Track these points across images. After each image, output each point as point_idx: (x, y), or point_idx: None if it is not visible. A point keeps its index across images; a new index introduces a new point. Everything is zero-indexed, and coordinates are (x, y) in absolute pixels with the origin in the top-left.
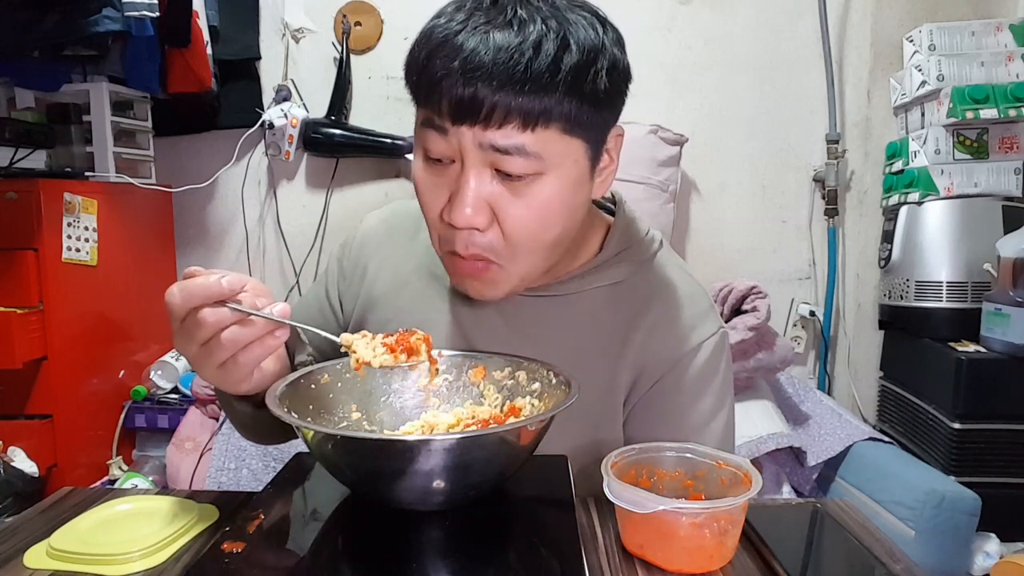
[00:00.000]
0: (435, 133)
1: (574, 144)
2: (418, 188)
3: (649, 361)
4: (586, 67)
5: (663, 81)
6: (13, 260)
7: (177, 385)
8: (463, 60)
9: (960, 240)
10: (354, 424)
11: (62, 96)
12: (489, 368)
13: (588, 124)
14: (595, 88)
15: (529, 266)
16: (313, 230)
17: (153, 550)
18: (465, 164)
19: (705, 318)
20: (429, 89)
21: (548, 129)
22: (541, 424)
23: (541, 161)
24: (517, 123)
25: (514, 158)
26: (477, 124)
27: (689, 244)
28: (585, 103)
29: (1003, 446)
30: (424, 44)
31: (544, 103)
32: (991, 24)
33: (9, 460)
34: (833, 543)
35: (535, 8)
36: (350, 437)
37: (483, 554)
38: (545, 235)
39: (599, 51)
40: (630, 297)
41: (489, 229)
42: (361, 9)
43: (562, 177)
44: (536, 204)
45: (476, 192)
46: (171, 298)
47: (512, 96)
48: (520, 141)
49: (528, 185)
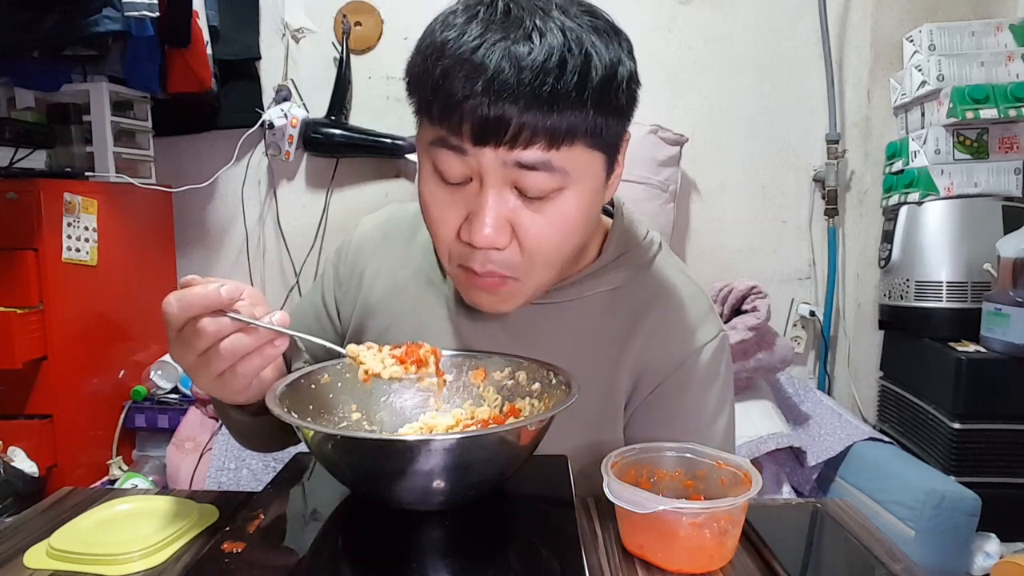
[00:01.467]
0: (451, 154)
1: (595, 157)
2: (428, 206)
3: (649, 365)
4: (609, 81)
5: (663, 81)
6: (13, 260)
7: (177, 385)
8: (487, 80)
9: (960, 240)
10: (354, 424)
11: (62, 96)
12: (489, 369)
13: (610, 137)
14: (618, 101)
15: (545, 279)
16: (313, 230)
17: (153, 550)
18: (485, 183)
19: (705, 321)
20: (447, 109)
21: (574, 146)
22: (541, 424)
23: (566, 176)
24: (543, 143)
25: (539, 174)
26: (502, 145)
27: (689, 244)
28: (610, 117)
29: (1003, 446)
30: (437, 58)
31: (571, 121)
32: (991, 24)
33: (9, 460)
34: (833, 543)
35: (550, 18)
36: (350, 437)
37: (483, 554)
38: (565, 248)
39: (619, 64)
40: (629, 301)
41: (508, 247)
42: (361, 9)
43: (582, 190)
44: (558, 219)
45: (497, 212)
46: (168, 307)
47: (540, 117)
48: (546, 158)
49: (550, 201)
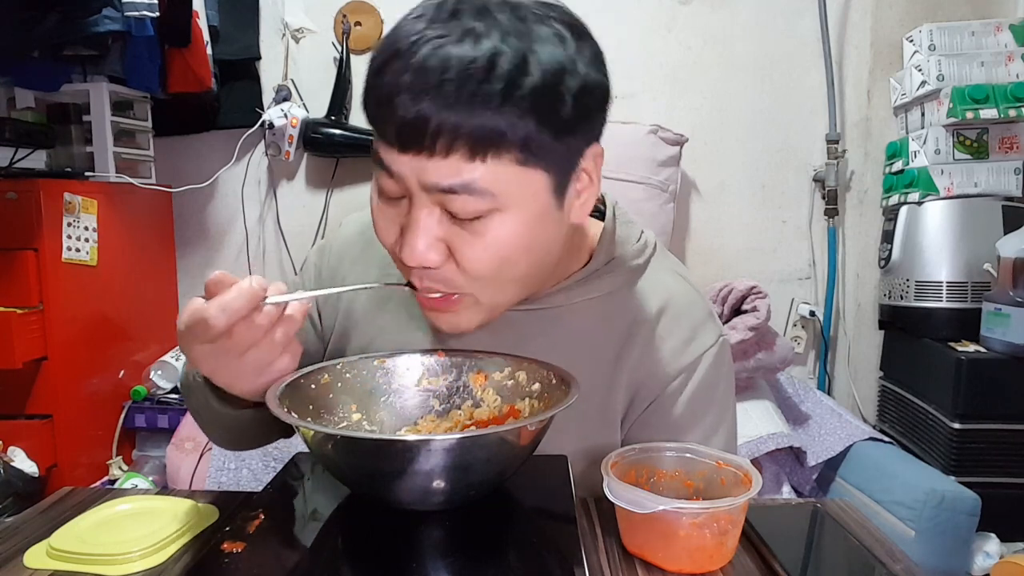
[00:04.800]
0: (384, 173)
1: (534, 176)
2: (375, 220)
3: (646, 378)
4: (548, 90)
5: (663, 81)
6: (13, 260)
7: (177, 385)
8: (412, 77)
9: (960, 240)
10: (354, 424)
11: (62, 96)
12: (489, 369)
13: (550, 153)
14: (558, 113)
15: (499, 297)
16: (313, 230)
17: (153, 550)
18: (413, 202)
19: (703, 328)
20: (378, 108)
21: (500, 160)
22: (541, 425)
23: (494, 198)
24: (464, 151)
25: (461, 197)
26: (422, 152)
27: (689, 244)
28: (546, 129)
29: (1003, 446)
30: (378, 56)
31: (495, 126)
32: (991, 24)
33: (9, 460)
34: (833, 543)
35: (496, 22)
36: (350, 437)
37: (483, 554)
38: (509, 273)
39: (565, 72)
40: (623, 310)
41: (445, 264)
42: (361, 9)
43: (521, 213)
44: (493, 244)
45: (425, 230)
46: (214, 320)
47: (460, 119)
48: (468, 178)
49: (484, 223)
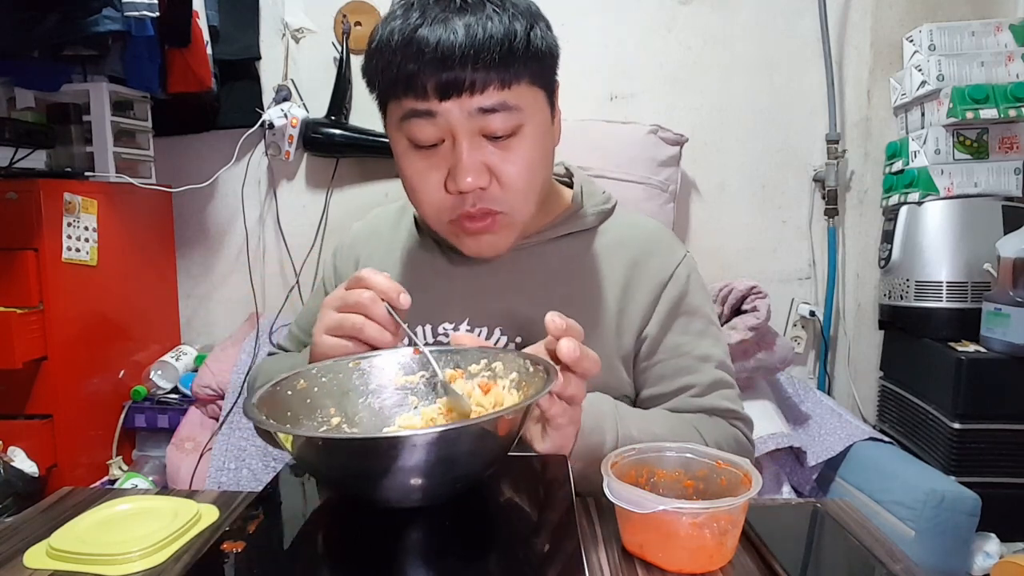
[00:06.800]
0: (421, 120)
1: (539, 93)
2: (410, 176)
3: (640, 287)
4: (530, 30)
5: (663, 81)
6: (13, 260)
7: (177, 385)
8: (437, 46)
9: (960, 240)
10: (334, 427)
11: (62, 96)
12: (465, 363)
13: (543, 73)
14: (540, 45)
15: (528, 210)
16: (313, 230)
17: (153, 550)
18: (458, 137)
19: (673, 244)
20: (409, 81)
21: (520, 84)
22: (521, 412)
23: (520, 112)
24: (496, 84)
25: (499, 115)
26: (463, 95)
27: (689, 244)
28: (538, 57)
29: (1003, 446)
30: (386, 46)
31: (512, 62)
32: (991, 24)
33: (9, 460)
34: (833, 543)
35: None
36: (331, 439)
37: (483, 554)
38: (536, 179)
39: (535, 17)
40: (606, 240)
41: (490, 186)
42: (361, 9)
43: (536, 126)
44: (523, 154)
45: (473, 158)
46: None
47: (487, 64)
48: (502, 98)
49: (514, 139)
